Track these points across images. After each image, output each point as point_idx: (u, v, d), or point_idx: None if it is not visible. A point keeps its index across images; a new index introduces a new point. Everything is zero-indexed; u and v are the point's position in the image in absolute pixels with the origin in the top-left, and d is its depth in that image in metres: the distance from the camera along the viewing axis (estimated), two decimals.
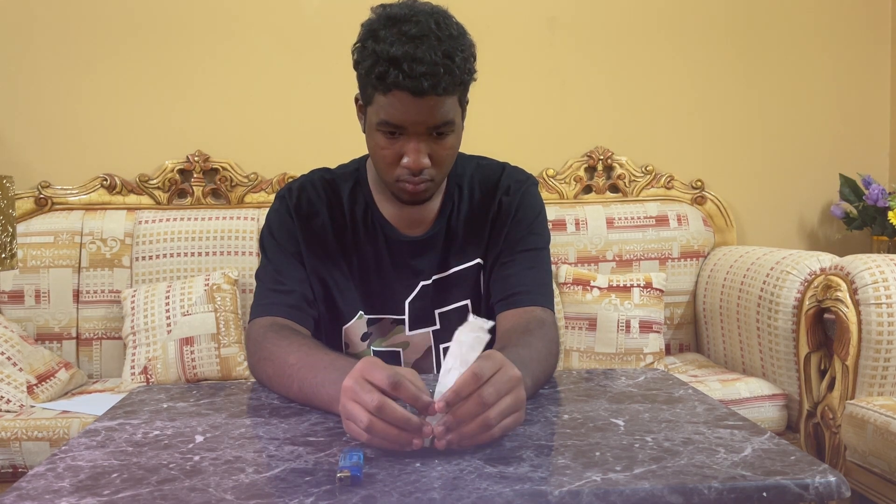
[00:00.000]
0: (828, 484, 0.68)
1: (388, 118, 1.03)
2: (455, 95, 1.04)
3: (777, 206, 2.75)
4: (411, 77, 0.97)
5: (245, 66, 2.54)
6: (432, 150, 1.06)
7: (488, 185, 1.23)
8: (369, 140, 1.10)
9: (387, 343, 1.22)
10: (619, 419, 0.88)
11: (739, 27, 2.70)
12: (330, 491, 0.67)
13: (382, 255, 1.19)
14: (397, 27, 0.99)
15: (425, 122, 1.02)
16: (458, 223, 1.21)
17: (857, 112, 2.77)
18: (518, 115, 2.63)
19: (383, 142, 1.06)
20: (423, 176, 1.07)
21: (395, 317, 1.20)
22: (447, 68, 0.99)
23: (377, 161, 1.10)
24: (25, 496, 0.68)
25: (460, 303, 1.21)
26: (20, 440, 1.80)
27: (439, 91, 0.99)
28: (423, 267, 1.20)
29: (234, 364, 2.13)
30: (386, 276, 1.19)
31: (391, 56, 0.98)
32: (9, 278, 2.28)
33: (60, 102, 2.49)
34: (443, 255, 1.21)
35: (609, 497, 0.66)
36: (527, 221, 1.21)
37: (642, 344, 2.22)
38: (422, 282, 1.20)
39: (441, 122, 1.03)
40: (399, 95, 1.00)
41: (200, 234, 2.36)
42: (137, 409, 0.97)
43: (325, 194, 1.20)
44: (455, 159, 1.14)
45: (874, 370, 1.77)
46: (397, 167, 1.07)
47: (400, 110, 1.01)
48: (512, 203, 1.21)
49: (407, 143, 1.05)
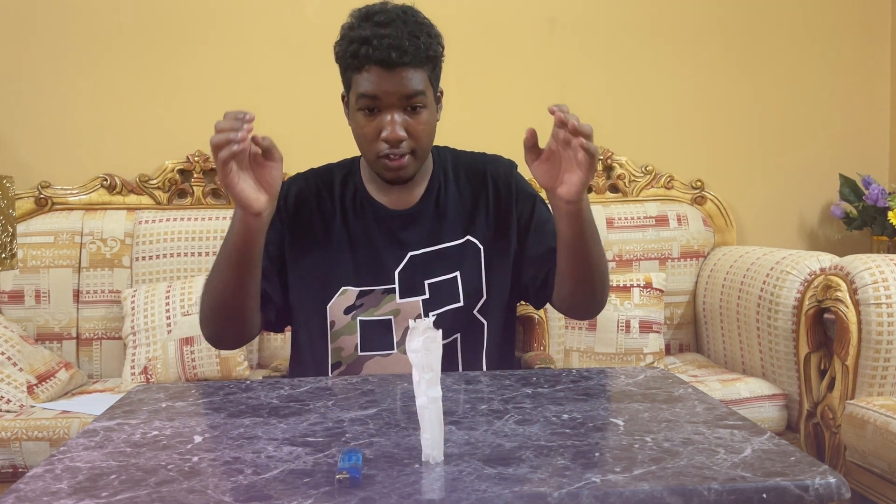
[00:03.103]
0: (828, 485, 0.68)
1: (364, 91, 1.15)
2: (423, 70, 1.17)
3: (777, 206, 2.74)
4: (380, 50, 1.12)
5: (245, 66, 2.54)
6: (408, 124, 1.17)
7: (473, 170, 1.33)
8: (353, 125, 1.21)
9: (379, 312, 1.27)
10: (618, 419, 0.88)
11: (739, 27, 2.69)
12: (329, 492, 0.67)
13: (371, 229, 1.28)
14: (369, 20, 1.15)
15: (397, 91, 1.14)
16: (445, 202, 1.30)
17: (857, 112, 2.77)
18: (518, 115, 2.62)
19: (363, 121, 1.18)
20: (403, 149, 1.17)
21: (385, 287, 1.26)
22: (413, 42, 1.14)
23: (360, 142, 1.21)
24: (24, 498, 0.67)
25: (449, 275, 1.28)
26: (20, 440, 1.80)
27: (406, 61, 1.13)
28: (411, 239, 1.28)
29: (234, 364, 2.13)
30: (375, 249, 1.27)
31: (362, 37, 1.13)
32: (9, 278, 2.27)
33: (60, 102, 2.48)
34: (430, 230, 1.29)
35: (608, 499, 0.66)
36: (532, 199, 1.32)
37: (642, 344, 2.22)
38: (410, 252, 1.27)
39: (412, 91, 1.15)
40: (372, 70, 1.14)
41: (200, 234, 2.36)
42: (136, 408, 0.97)
43: (315, 185, 1.31)
44: (432, 139, 1.24)
45: (874, 370, 1.77)
46: (378, 142, 1.17)
47: (373, 83, 1.14)
48: (510, 190, 1.31)
49: (384, 118, 1.16)
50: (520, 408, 0.93)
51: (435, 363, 0.75)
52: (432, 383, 0.75)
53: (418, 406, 0.75)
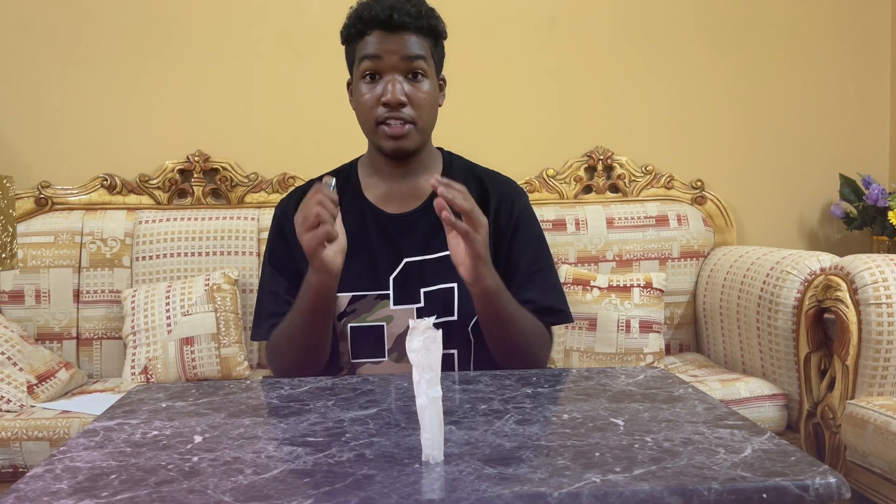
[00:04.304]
0: (828, 485, 0.68)
1: (365, 53, 1.18)
2: (425, 40, 1.19)
3: (777, 206, 2.74)
4: (383, 11, 1.16)
5: (245, 66, 2.54)
6: (409, 92, 1.18)
7: (482, 184, 1.30)
8: (355, 101, 1.22)
9: (371, 318, 1.25)
10: (618, 419, 0.88)
11: (739, 27, 2.69)
12: (329, 492, 0.67)
13: (367, 233, 1.26)
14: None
15: (399, 50, 1.17)
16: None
17: (857, 112, 2.77)
18: (518, 115, 2.63)
19: (365, 88, 1.19)
20: (404, 115, 1.18)
21: (378, 292, 1.24)
22: (415, 7, 1.18)
23: (361, 112, 1.21)
24: (24, 498, 0.67)
25: (446, 285, 1.25)
26: (20, 440, 1.80)
27: (408, 22, 1.16)
28: (407, 244, 1.25)
29: (234, 364, 2.13)
30: (370, 253, 1.25)
31: (367, 4, 1.18)
32: (9, 278, 2.27)
33: (60, 102, 2.48)
34: (429, 236, 1.25)
35: (608, 499, 0.66)
36: (534, 243, 1.29)
37: (642, 344, 2.22)
38: (405, 258, 1.24)
39: (413, 54, 1.17)
40: (374, 33, 1.17)
41: (200, 234, 2.36)
42: (136, 408, 0.97)
43: None
44: (434, 116, 1.24)
45: (874, 370, 1.77)
46: (377, 108, 1.18)
47: (376, 45, 1.17)
48: (511, 218, 1.28)
49: (385, 83, 1.17)
50: (520, 408, 0.93)
51: (435, 363, 0.75)
52: (432, 383, 0.75)
53: (418, 406, 0.75)
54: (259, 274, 2.23)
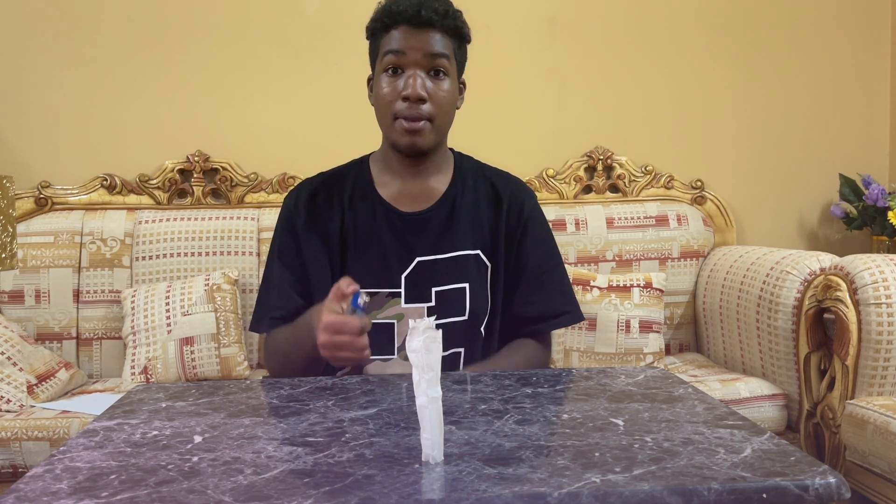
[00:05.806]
0: (828, 485, 0.68)
1: (390, 48, 1.18)
2: (449, 40, 1.19)
3: (777, 206, 2.75)
4: (411, 6, 1.16)
5: (245, 66, 2.54)
6: (429, 89, 1.18)
7: (494, 185, 1.31)
8: (375, 95, 1.22)
9: (382, 315, 1.25)
10: (618, 419, 0.88)
11: (739, 27, 2.69)
12: (329, 492, 0.67)
13: (380, 231, 1.25)
14: None
15: (422, 47, 1.16)
16: (460, 210, 1.27)
17: (857, 112, 2.77)
18: (518, 115, 2.63)
19: (386, 82, 1.19)
20: (422, 111, 1.17)
21: (390, 290, 1.25)
22: (443, 6, 1.18)
23: (380, 106, 1.21)
24: (24, 498, 0.67)
25: (458, 285, 1.25)
26: (20, 440, 1.79)
27: (434, 19, 1.16)
28: (420, 243, 1.25)
29: (234, 364, 2.13)
30: (383, 251, 1.25)
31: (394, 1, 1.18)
32: (9, 278, 2.27)
33: (60, 102, 2.48)
34: (442, 236, 1.25)
35: (608, 499, 0.66)
36: (542, 244, 1.31)
37: (642, 344, 2.22)
38: (418, 257, 1.24)
39: (437, 52, 1.17)
40: (400, 27, 1.17)
41: (200, 234, 2.36)
42: (136, 408, 0.97)
43: (325, 188, 1.29)
44: (451, 117, 1.24)
45: (874, 370, 1.77)
46: (397, 101, 1.18)
47: (400, 39, 1.17)
48: (521, 219, 1.29)
49: (406, 77, 1.17)
50: (520, 408, 0.93)
51: (435, 363, 0.75)
52: (432, 383, 0.75)
53: (418, 406, 0.75)
54: (259, 274, 2.23)
